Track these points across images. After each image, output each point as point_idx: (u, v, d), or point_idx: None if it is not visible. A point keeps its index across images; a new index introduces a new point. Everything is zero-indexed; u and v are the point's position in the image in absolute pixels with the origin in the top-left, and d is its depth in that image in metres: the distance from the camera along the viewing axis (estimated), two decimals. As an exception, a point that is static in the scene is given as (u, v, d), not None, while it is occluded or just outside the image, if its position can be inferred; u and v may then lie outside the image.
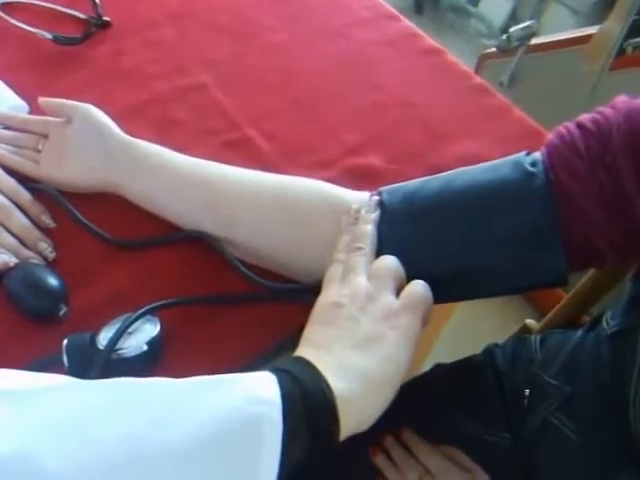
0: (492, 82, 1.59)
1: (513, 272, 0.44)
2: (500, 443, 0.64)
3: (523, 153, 0.46)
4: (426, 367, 0.83)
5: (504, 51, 1.26)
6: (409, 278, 0.45)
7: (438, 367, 0.78)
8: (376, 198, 0.48)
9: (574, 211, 0.41)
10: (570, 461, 0.55)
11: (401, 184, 0.49)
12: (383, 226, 0.46)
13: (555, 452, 0.58)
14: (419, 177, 0.62)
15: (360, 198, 0.49)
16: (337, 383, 0.36)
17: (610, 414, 0.51)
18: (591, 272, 0.75)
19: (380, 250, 0.45)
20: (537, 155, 0.44)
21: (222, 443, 0.31)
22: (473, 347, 1.27)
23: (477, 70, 1.55)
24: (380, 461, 0.65)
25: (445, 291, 0.46)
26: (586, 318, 0.77)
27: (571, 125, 0.44)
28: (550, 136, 0.45)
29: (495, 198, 0.43)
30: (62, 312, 0.48)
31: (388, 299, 0.41)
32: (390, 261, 0.43)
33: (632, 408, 0.46)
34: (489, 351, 0.73)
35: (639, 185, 0.39)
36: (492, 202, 0.43)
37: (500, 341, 0.85)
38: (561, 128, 0.44)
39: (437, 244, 0.44)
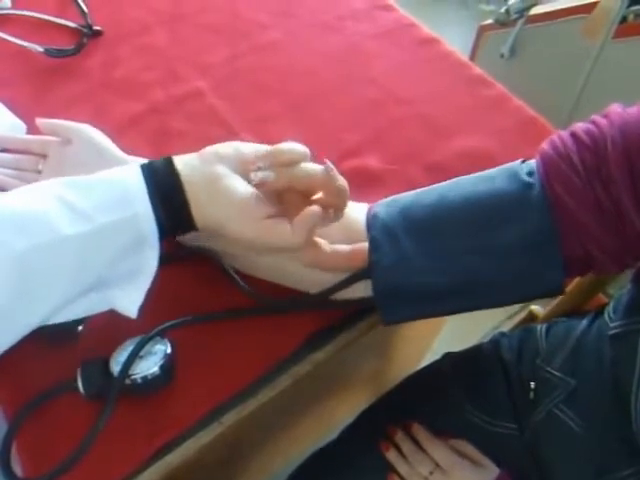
0: (493, 53, 1.57)
1: (512, 284, 0.44)
2: (506, 433, 0.66)
3: (518, 162, 0.45)
4: (436, 351, 0.85)
5: (503, 24, 1.23)
6: (408, 292, 0.46)
7: (447, 356, 0.79)
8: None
9: (571, 223, 0.41)
10: (573, 453, 0.57)
11: (397, 196, 0.49)
12: (381, 240, 0.45)
13: (559, 444, 0.59)
14: (419, 178, 0.62)
15: (361, 214, 0.49)
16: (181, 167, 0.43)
17: (613, 410, 0.52)
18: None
19: (378, 263, 0.45)
20: (533, 164, 0.44)
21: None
22: (480, 329, 1.28)
23: (477, 41, 1.52)
24: (392, 456, 0.67)
25: (444, 304, 0.46)
26: (603, 298, 0.76)
27: (565, 135, 0.43)
28: (544, 146, 0.44)
29: (493, 210, 0.43)
30: (79, 329, 0.49)
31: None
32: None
33: (633, 409, 0.47)
34: (496, 341, 0.74)
35: (635, 199, 0.39)
36: (491, 215, 0.43)
37: (506, 328, 0.85)
38: (555, 138, 0.44)
39: (436, 258, 0.44)
